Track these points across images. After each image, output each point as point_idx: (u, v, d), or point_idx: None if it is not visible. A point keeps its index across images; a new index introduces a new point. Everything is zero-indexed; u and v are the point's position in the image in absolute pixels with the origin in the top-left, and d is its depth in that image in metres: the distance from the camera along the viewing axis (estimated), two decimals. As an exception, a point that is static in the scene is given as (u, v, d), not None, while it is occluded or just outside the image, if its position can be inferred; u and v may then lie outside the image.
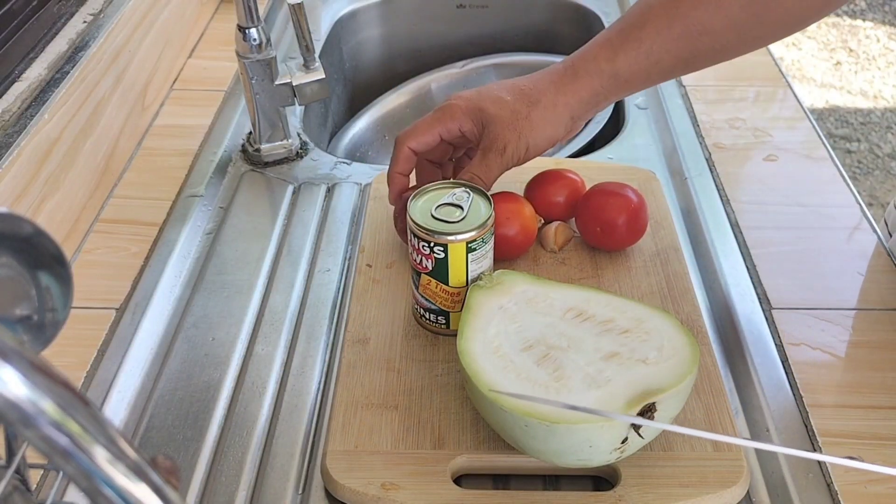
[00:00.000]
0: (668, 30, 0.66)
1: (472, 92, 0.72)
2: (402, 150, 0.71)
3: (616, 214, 0.74)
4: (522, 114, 0.69)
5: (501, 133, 0.69)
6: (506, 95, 0.69)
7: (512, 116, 0.69)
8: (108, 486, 0.28)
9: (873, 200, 2.42)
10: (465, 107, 0.70)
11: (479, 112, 0.70)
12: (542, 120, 0.69)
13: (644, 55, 0.67)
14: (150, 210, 0.86)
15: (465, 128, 0.70)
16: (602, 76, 0.68)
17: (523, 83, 0.70)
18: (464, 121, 0.70)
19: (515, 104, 0.69)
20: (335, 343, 0.72)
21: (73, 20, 0.91)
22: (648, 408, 0.54)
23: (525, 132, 0.69)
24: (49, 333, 0.37)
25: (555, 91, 0.69)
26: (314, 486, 0.60)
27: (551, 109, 0.69)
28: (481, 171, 0.70)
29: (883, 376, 0.67)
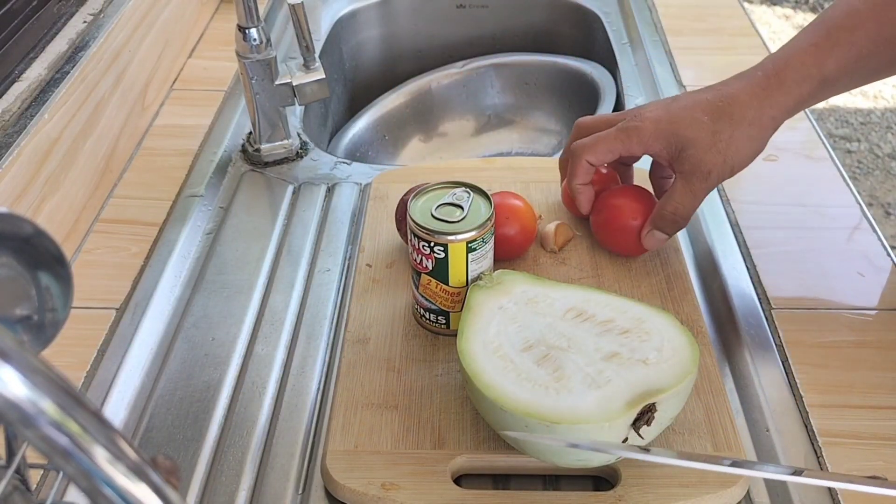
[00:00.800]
0: (879, 34, 0.64)
1: (661, 110, 0.68)
2: (581, 164, 0.69)
3: (636, 219, 0.73)
4: (725, 135, 0.65)
5: (703, 158, 0.65)
6: (701, 116, 0.65)
7: (713, 139, 0.65)
8: (108, 486, 0.28)
9: (873, 200, 2.42)
10: (655, 130, 0.67)
11: (674, 136, 0.66)
12: (747, 139, 0.65)
13: (854, 59, 0.64)
14: (150, 210, 0.86)
15: (654, 151, 0.67)
16: (811, 82, 0.65)
17: (718, 99, 0.66)
18: (652, 145, 0.67)
19: (715, 125, 0.65)
20: (335, 343, 0.72)
21: (73, 20, 0.91)
22: (648, 408, 0.54)
23: (730, 154, 0.65)
24: (49, 333, 0.37)
25: (758, 104, 0.65)
26: (314, 486, 0.60)
27: (757, 126, 0.65)
28: (686, 200, 0.67)
29: (883, 376, 0.67)
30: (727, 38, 1.17)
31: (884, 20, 0.64)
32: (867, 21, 0.64)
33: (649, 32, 1.20)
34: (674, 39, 1.16)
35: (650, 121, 0.67)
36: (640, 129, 0.67)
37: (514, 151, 1.32)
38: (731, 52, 1.13)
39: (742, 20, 1.22)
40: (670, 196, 0.69)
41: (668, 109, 0.67)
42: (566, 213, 0.80)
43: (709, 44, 1.16)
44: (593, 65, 1.23)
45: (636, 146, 0.68)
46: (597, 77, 1.18)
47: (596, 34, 1.29)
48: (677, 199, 0.68)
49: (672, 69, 1.10)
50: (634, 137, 0.67)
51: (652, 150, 0.68)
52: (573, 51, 1.33)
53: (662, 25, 1.20)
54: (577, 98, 1.25)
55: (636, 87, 1.08)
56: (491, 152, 1.32)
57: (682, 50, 1.14)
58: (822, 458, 0.61)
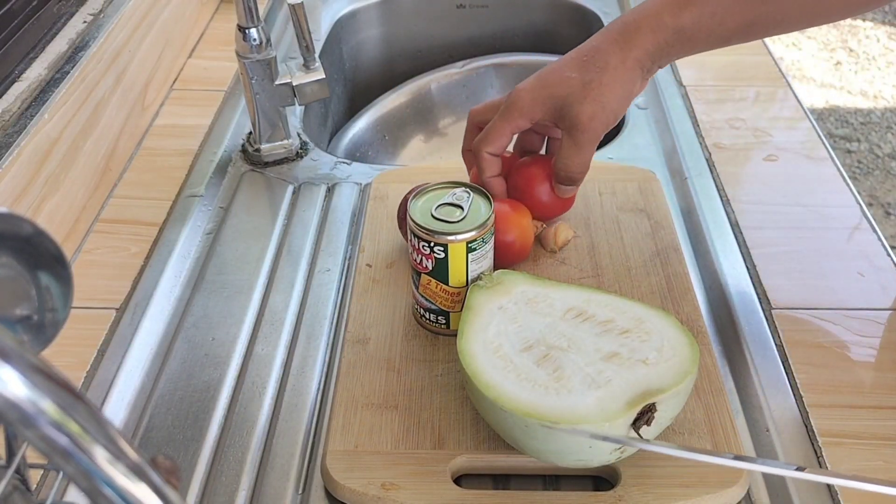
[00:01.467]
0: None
1: (533, 80, 0.70)
2: (483, 158, 0.71)
3: (537, 183, 0.75)
4: (595, 83, 0.67)
5: (581, 109, 0.67)
6: (569, 72, 0.68)
7: (584, 90, 0.67)
8: (108, 486, 0.28)
9: (873, 200, 2.42)
10: (531, 99, 0.68)
11: (549, 99, 0.68)
12: (615, 81, 0.67)
13: (709, 15, 0.66)
14: (150, 210, 0.86)
15: (537, 117, 0.69)
16: (666, 31, 0.67)
17: (583, 53, 0.69)
18: (533, 112, 0.69)
19: (584, 76, 0.67)
20: (335, 343, 0.72)
21: (73, 20, 0.91)
22: (648, 408, 0.54)
23: (605, 100, 0.67)
24: (49, 333, 0.37)
25: (619, 49, 0.67)
26: (314, 486, 0.60)
27: (621, 68, 0.67)
28: (573, 154, 0.69)
29: (883, 376, 0.67)
30: (727, 38, 1.16)
31: None
32: None
33: (649, 32, 1.20)
34: (674, 39, 1.16)
35: (525, 91, 0.69)
36: (517, 102, 0.69)
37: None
38: (731, 52, 1.12)
39: (742, 20, 1.21)
40: (559, 155, 0.70)
41: (539, 77, 0.69)
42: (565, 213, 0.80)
43: (709, 44, 1.15)
44: (593, 65, 1.22)
45: (519, 119, 0.69)
46: (597, 77, 1.18)
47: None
48: (564, 156, 0.70)
49: (672, 69, 1.10)
50: (515, 112, 0.69)
51: (535, 118, 0.69)
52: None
53: (662, 25, 1.20)
54: (577, 98, 1.24)
55: (636, 87, 1.08)
56: (491, 152, 1.32)
57: (682, 50, 1.13)
58: (822, 458, 0.61)
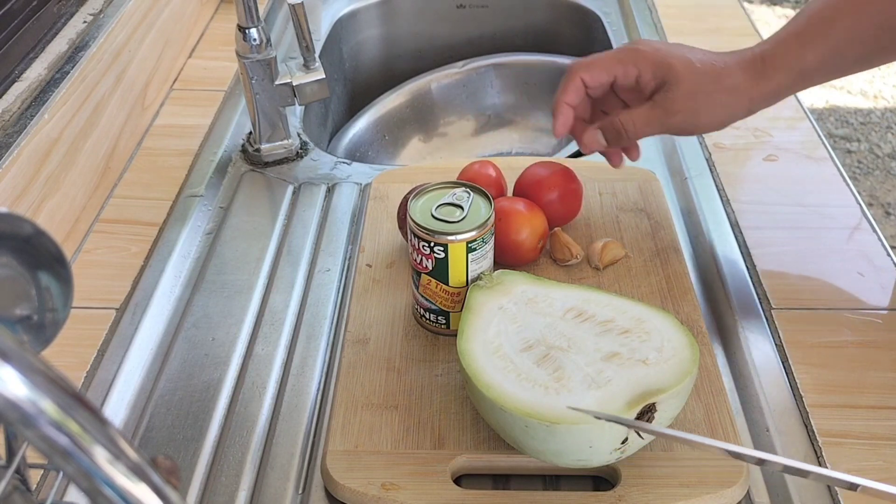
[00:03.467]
0: (857, 25, 0.66)
1: (661, 43, 0.70)
2: (573, 80, 0.70)
3: (547, 191, 0.76)
4: (707, 89, 0.67)
5: (680, 99, 0.67)
6: (697, 63, 0.67)
7: (696, 87, 0.67)
8: (108, 486, 0.28)
9: (873, 200, 2.42)
10: (653, 57, 0.68)
11: (667, 68, 0.67)
12: (722, 104, 0.68)
13: (830, 51, 0.66)
14: (150, 210, 0.86)
15: (645, 78, 0.69)
16: (790, 73, 0.67)
17: (713, 59, 0.68)
18: (645, 69, 0.68)
19: (704, 77, 0.67)
20: (335, 343, 0.72)
21: (73, 20, 0.91)
22: (648, 408, 0.54)
23: (702, 109, 0.67)
24: (49, 333, 0.37)
25: (744, 78, 0.67)
26: (314, 486, 0.60)
27: (735, 95, 0.67)
28: (639, 121, 0.69)
29: (883, 376, 0.67)
30: (727, 38, 1.17)
31: (863, 11, 0.66)
32: (845, 15, 0.66)
33: (649, 32, 1.20)
34: (674, 39, 1.16)
35: (651, 47, 0.69)
36: (640, 52, 0.69)
37: (514, 151, 1.32)
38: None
39: (742, 20, 1.22)
40: (630, 112, 0.70)
41: (669, 45, 0.70)
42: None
43: (709, 44, 1.14)
44: (593, 65, 1.22)
45: (632, 66, 0.69)
46: (597, 77, 1.18)
47: (596, 34, 1.29)
48: (634, 115, 0.69)
49: (672, 69, 1.10)
50: (631, 58, 0.69)
51: (644, 78, 0.69)
52: (573, 51, 1.33)
53: (662, 25, 1.20)
54: (577, 98, 1.24)
55: (636, 87, 1.08)
56: (491, 152, 1.32)
57: (682, 50, 1.13)
58: (822, 458, 0.61)
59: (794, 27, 0.68)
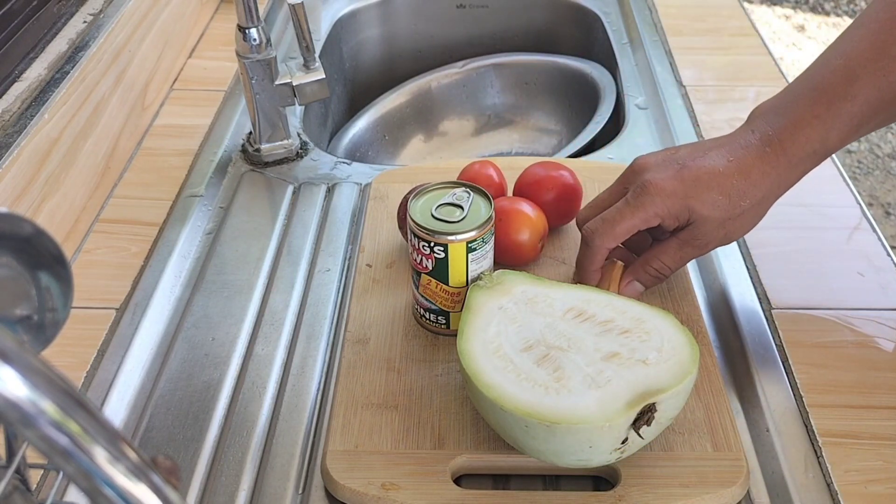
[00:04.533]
0: (878, 99, 0.62)
1: (674, 181, 0.64)
2: (599, 251, 0.67)
3: (546, 192, 0.76)
4: (734, 214, 0.65)
5: (709, 233, 0.66)
6: (718, 195, 0.64)
7: (724, 217, 0.65)
8: (108, 486, 0.28)
9: (873, 200, 2.42)
10: (671, 203, 0.64)
11: (688, 211, 0.65)
12: (751, 218, 0.66)
13: (855, 127, 0.63)
14: (150, 210, 0.86)
15: (667, 222, 0.66)
16: (816, 157, 0.64)
17: (732, 174, 0.64)
18: (666, 216, 0.65)
19: (731, 207, 0.64)
20: (335, 343, 0.72)
21: (73, 20, 0.91)
22: (648, 408, 0.54)
23: (733, 231, 0.66)
24: (49, 333, 0.37)
25: (769, 184, 0.64)
26: (314, 486, 0.60)
27: (763, 205, 0.66)
28: (674, 262, 0.68)
29: (883, 376, 0.67)
30: (727, 38, 1.17)
31: (882, 85, 0.62)
32: (868, 88, 0.62)
33: (649, 32, 1.20)
34: (674, 39, 1.16)
35: (667, 191, 0.65)
36: (655, 199, 0.65)
37: (514, 151, 1.32)
38: (731, 52, 1.13)
39: (742, 20, 1.22)
40: (660, 253, 0.68)
41: (684, 177, 0.65)
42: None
43: (709, 44, 1.16)
44: (593, 65, 1.23)
45: (653, 218, 0.65)
46: (597, 77, 1.18)
47: (596, 34, 1.29)
48: (666, 260, 0.68)
49: (672, 69, 1.10)
50: (649, 206, 0.65)
51: (667, 223, 0.66)
52: (573, 51, 1.33)
53: (662, 25, 1.20)
54: (577, 98, 1.25)
55: (636, 87, 1.08)
56: (491, 152, 1.32)
57: (682, 50, 1.14)
58: (822, 458, 0.61)
59: (813, 106, 0.64)
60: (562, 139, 1.29)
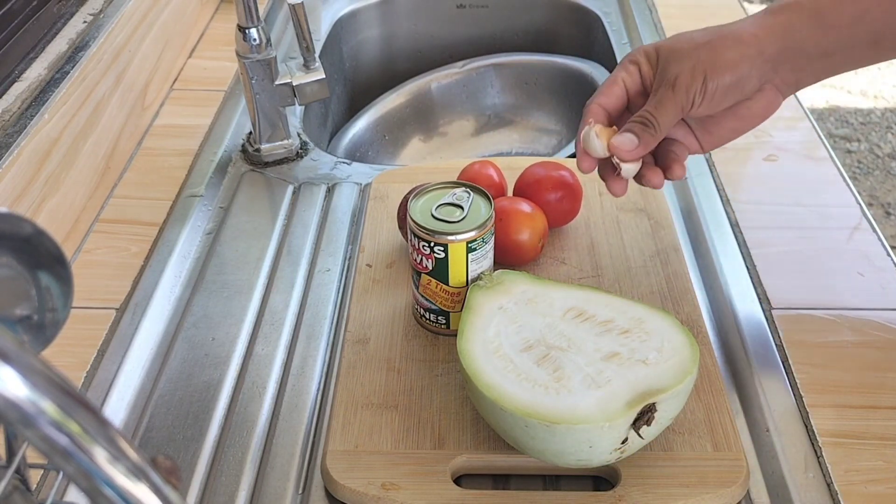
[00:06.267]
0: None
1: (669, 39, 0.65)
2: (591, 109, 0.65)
3: (549, 191, 0.76)
4: (701, 41, 0.61)
5: (674, 64, 0.62)
6: (692, 32, 0.63)
7: (689, 45, 0.62)
8: (109, 486, 0.28)
9: (873, 200, 2.42)
10: (644, 48, 0.65)
11: (656, 49, 0.64)
12: (722, 47, 0.60)
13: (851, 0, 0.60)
14: (150, 210, 0.86)
15: (644, 69, 0.64)
16: (801, 11, 0.60)
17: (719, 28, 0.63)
18: (642, 60, 0.64)
19: (696, 35, 0.62)
20: (335, 343, 0.72)
21: (73, 20, 0.91)
22: (648, 408, 0.54)
23: (702, 60, 0.60)
24: (49, 333, 0.37)
25: (743, 23, 0.62)
26: (314, 486, 0.60)
27: (735, 39, 0.60)
28: (652, 107, 0.63)
29: (883, 376, 0.67)
30: (727, 38, 1.16)
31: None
32: None
33: (649, 32, 1.20)
34: (674, 39, 1.16)
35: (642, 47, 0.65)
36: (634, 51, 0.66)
37: (514, 151, 1.32)
38: (731, 52, 1.13)
39: (742, 20, 1.21)
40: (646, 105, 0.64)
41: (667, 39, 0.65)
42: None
43: (709, 44, 1.15)
44: (593, 65, 1.23)
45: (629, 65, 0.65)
46: (597, 77, 1.18)
47: (596, 34, 1.29)
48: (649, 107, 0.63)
49: (672, 69, 1.10)
50: (626, 59, 0.65)
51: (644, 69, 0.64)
52: (573, 51, 1.33)
53: (662, 25, 1.20)
54: (577, 98, 1.24)
55: (636, 87, 1.08)
56: (491, 152, 1.32)
57: (682, 50, 1.13)
58: (822, 458, 0.61)
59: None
60: (562, 139, 1.29)
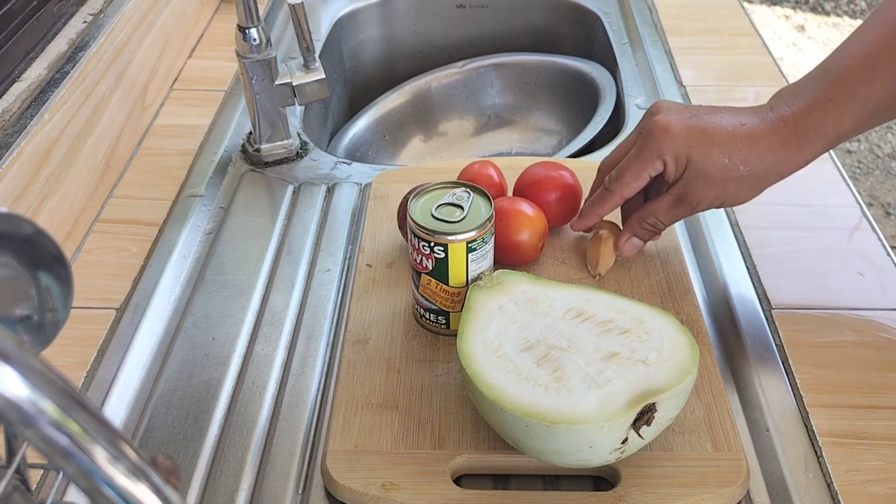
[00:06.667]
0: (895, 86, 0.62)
1: (682, 124, 0.66)
2: (613, 199, 0.70)
3: (548, 192, 0.76)
4: (731, 176, 0.65)
5: (701, 191, 0.66)
6: (719, 153, 0.64)
7: (720, 177, 0.65)
8: (108, 486, 0.28)
9: (873, 200, 2.42)
10: (673, 145, 0.65)
11: (686, 158, 0.65)
12: (748, 187, 0.66)
13: (870, 113, 0.63)
14: (150, 210, 0.86)
15: (669, 169, 0.67)
16: (827, 140, 0.64)
17: (740, 138, 0.64)
18: (669, 160, 0.66)
19: (729, 169, 0.65)
20: (335, 343, 0.72)
21: (73, 20, 0.91)
22: (648, 408, 0.54)
23: (727, 195, 0.66)
24: (49, 333, 0.37)
25: (773, 160, 0.65)
26: (314, 486, 0.60)
27: (763, 178, 0.66)
28: (666, 216, 0.69)
29: (883, 376, 0.67)
30: (727, 38, 1.17)
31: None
32: (885, 72, 0.62)
33: (649, 32, 1.20)
34: (674, 39, 1.16)
35: (668, 133, 0.66)
36: (657, 142, 0.66)
37: (514, 151, 1.32)
38: (731, 52, 1.13)
39: (742, 20, 1.22)
40: (654, 209, 0.70)
41: (689, 127, 0.66)
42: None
43: (709, 44, 1.16)
44: (593, 65, 1.23)
45: (657, 161, 0.66)
46: (597, 77, 1.18)
47: (596, 34, 1.29)
48: (660, 215, 0.70)
49: (672, 69, 1.10)
50: (654, 150, 0.66)
51: (669, 170, 0.67)
52: (573, 51, 1.33)
53: (662, 25, 1.20)
54: (577, 98, 1.25)
55: (636, 87, 1.08)
56: (491, 152, 1.32)
57: (682, 50, 1.14)
58: (822, 458, 0.61)
59: (828, 89, 0.64)
60: (562, 139, 1.29)
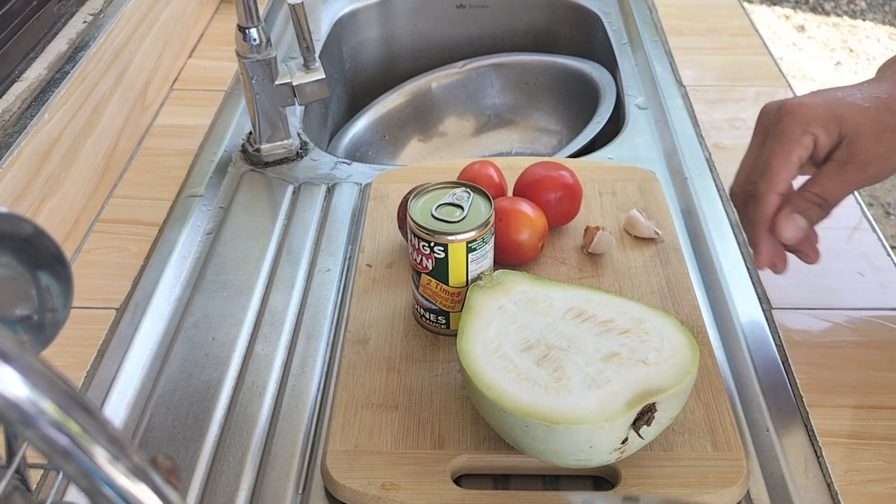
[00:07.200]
0: None
1: (817, 98, 0.61)
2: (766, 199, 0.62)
3: (549, 192, 0.76)
4: (891, 125, 0.59)
5: (866, 147, 0.59)
6: (863, 103, 0.60)
7: (879, 128, 0.59)
8: (108, 486, 0.28)
9: (873, 200, 2.42)
10: (816, 115, 0.60)
11: (837, 120, 0.60)
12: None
13: None
14: (150, 210, 0.86)
15: (821, 140, 0.61)
16: None
17: (878, 92, 0.61)
18: (819, 132, 0.60)
19: (881, 115, 0.59)
20: (335, 343, 0.72)
21: (73, 20, 0.91)
22: (648, 408, 0.54)
23: (892, 147, 0.60)
24: (49, 333, 0.37)
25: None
26: (314, 486, 0.60)
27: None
28: (834, 185, 0.61)
29: (883, 376, 0.67)
30: (727, 38, 1.17)
31: None
32: None
33: (649, 32, 1.20)
34: (674, 39, 1.16)
35: (809, 106, 0.61)
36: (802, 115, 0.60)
37: (514, 151, 1.32)
38: (731, 52, 1.13)
39: (742, 20, 1.22)
40: (818, 179, 0.62)
41: (826, 97, 0.62)
42: None
43: (709, 44, 1.16)
44: (593, 65, 1.23)
45: (804, 136, 0.60)
46: (597, 77, 1.18)
47: (596, 34, 1.29)
48: (827, 182, 0.61)
49: (672, 69, 1.10)
50: (799, 127, 0.60)
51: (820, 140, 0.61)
52: (573, 51, 1.33)
53: (662, 25, 1.20)
54: (577, 98, 1.25)
55: (636, 87, 1.08)
56: (491, 152, 1.32)
57: (682, 50, 1.14)
58: (822, 457, 0.61)
59: None
60: (562, 139, 1.29)
